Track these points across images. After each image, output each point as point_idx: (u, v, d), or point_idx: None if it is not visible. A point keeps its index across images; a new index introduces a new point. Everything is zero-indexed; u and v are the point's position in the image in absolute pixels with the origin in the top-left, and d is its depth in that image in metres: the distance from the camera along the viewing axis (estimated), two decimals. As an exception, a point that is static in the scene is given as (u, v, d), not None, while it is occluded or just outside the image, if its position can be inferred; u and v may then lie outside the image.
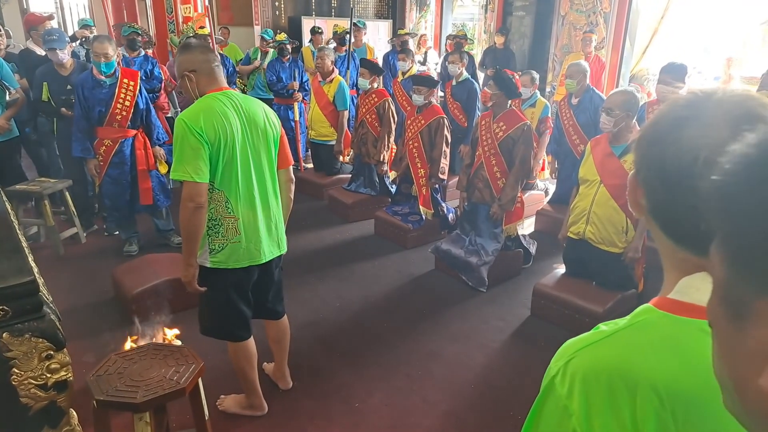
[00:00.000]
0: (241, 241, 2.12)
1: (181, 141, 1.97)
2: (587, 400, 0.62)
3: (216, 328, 2.32)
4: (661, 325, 0.64)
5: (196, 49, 2.14)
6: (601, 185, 3.10)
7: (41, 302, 1.67)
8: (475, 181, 3.83)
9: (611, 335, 0.66)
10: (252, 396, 2.46)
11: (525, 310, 3.48)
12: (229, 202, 2.08)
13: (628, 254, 3.09)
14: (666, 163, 0.62)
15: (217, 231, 2.11)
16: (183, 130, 1.96)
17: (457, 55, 5.34)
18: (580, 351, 0.66)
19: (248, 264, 2.18)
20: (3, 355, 1.58)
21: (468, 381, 2.80)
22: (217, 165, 2.02)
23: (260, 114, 2.16)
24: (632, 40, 6.48)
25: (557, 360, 0.68)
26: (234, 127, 2.04)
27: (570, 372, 0.65)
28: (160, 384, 1.88)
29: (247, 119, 2.10)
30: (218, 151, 2.00)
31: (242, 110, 2.10)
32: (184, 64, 2.10)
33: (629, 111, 3.01)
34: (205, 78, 2.09)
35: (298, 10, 9.65)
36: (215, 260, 2.14)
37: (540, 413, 0.68)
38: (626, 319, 0.67)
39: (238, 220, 2.10)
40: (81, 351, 2.81)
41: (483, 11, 8.43)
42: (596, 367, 0.63)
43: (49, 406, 1.69)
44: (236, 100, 2.11)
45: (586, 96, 4.44)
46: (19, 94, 4.12)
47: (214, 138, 1.98)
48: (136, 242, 4.23)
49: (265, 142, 2.15)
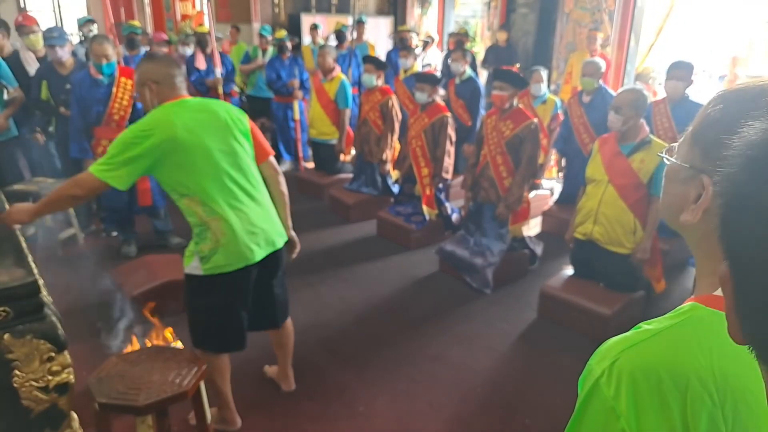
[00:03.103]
0: (229, 241, 2.07)
1: (123, 146, 1.94)
2: (636, 400, 0.61)
3: (212, 339, 2.24)
4: (710, 322, 0.62)
5: (161, 61, 2.15)
6: (609, 185, 3.06)
7: (42, 303, 1.65)
8: (481, 181, 3.78)
9: (658, 333, 0.64)
10: (224, 410, 2.38)
11: (531, 312, 3.44)
12: (207, 204, 2.04)
13: (637, 255, 3.05)
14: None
15: (204, 236, 2.07)
16: (132, 138, 1.95)
17: (459, 53, 5.28)
18: (625, 351, 0.64)
19: (243, 265, 2.11)
20: (4, 357, 1.57)
21: (474, 385, 2.76)
22: (185, 171, 2.00)
23: (221, 112, 2.13)
24: (637, 39, 6.44)
25: (600, 361, 0.66)
26: (193, 130, 2.00)
27: (616, 372, 0.63)
28: (163, 387, 1.86)
29: (207, 120, 2.07)
30: (180, 158, 1.98)
31: (201, 112, 2.08)
32: (148, 74, 2.08)
33: (638, 110, 2.96)
34: (167, 89, 2.08)
35: (298, 7, 9.58)
36: (207, 267, 2.08)
37: (583, 417, 0.66)
38: (670, 317, 0.66)
39: (221, 220, 2.05)
40: (81, 353, 2.76)
41: (486, 8, 8.37)
42: (644, 366, 0.62)
43: (51, 408, 1.68)
44: (193, 104, 2.10)
45: (598, 94, 4.39)
46: (17, 93, 4.07)
47: (169, 147, 1.95)
48: (134, 243, 4.19)
49: (233, 134, 2.12)
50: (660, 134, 3.81)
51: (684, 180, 0.68)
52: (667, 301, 3.41)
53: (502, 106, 3.60)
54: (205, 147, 2.02)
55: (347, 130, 5.45)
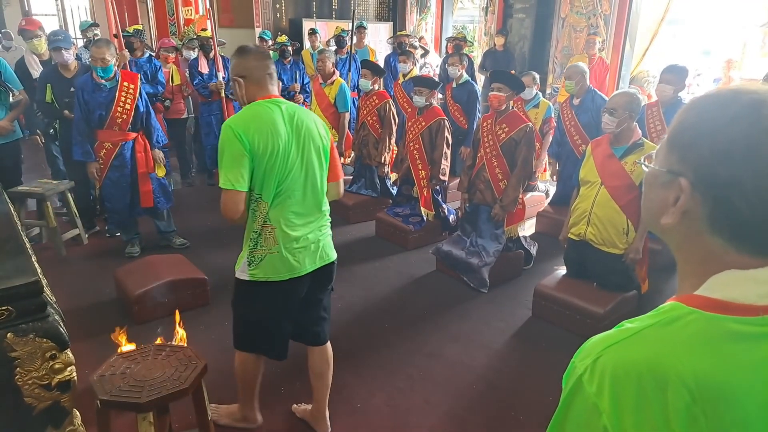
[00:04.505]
0: (279, 251, 2.03)
1: (225, 147, 1.91)
2: (618, 397, 0.62)
3: (250, 343, 2.24)
4: (691, 321, 0.64)
5: (250, 54, 2.04)
6: (602, 186, 3.11)
7: (45, 302, 1.67)
8: (477, 183, 3.84)
9: (639, 332, 0.65)
10: (246, 408, 2.38)
11: (526, 311, 3.49)
12: (272, 212, 2.01)
13: (629, 255, 3.10)
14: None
15: (256, 241, 2.04)
16: (228, 137, 1.90)
17: (456, 57, 5.35)
18: (607, 349, 0.65)
19: (289, 276, 2.07)
20: (7, 355, 1.59)
21: (469, 382, 2.81)
22: (261, 174, 1.95)
23: (311, 124, 2.07)
24: (632, 42, 6.50)
25: (583, 359, 0.67)
26: (281, 136, 1.95)
27: (599, 370, 0.64)
28: (164, 384, 1.89)
29: (296, 128, 2.01)
30: (263, 159, 1.93)
31: (291, 119, 2.01)
32: (236, 68, 2.04)
33: (632, 112, 3.02)
34: (254, 85, 2.02)
35: (299, 12, 9.67)
36: (254, 273, 2.06)
37: (567, 413, 0.68)
38: (652, 316, 0.67)
39: (276, 229, 2.02)
40: (83, 352, 2.81)
41: (483, 13, 8.44)
42: (626, 363, 0.63)
43: (53, 406, 1.69)
44: (286, 108, 2.02)
45: (587, 96, 4.46)
46: (22, 96, 4.12)
47: (259, 146, 1.91)
48: (137, 244, 4.24)
49: (316, 150, 2.06)
50: (653, 137, 3.86)
51: (663, 184, 0.69)
52: (659, 300, 3.43)
53: (499, 108, 3.66)
54: (284, 155, 1.96)
55: (347, 133, 5.51)
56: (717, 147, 0.63)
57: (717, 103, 0.65)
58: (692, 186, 0.65)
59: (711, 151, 0.63)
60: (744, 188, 0.61)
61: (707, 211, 0.65)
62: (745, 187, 0.61)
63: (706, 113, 0.65)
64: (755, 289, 0.63)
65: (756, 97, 0.62)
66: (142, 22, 8.15)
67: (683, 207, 0.66)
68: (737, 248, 0.65)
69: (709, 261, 0.67)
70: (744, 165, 0.61)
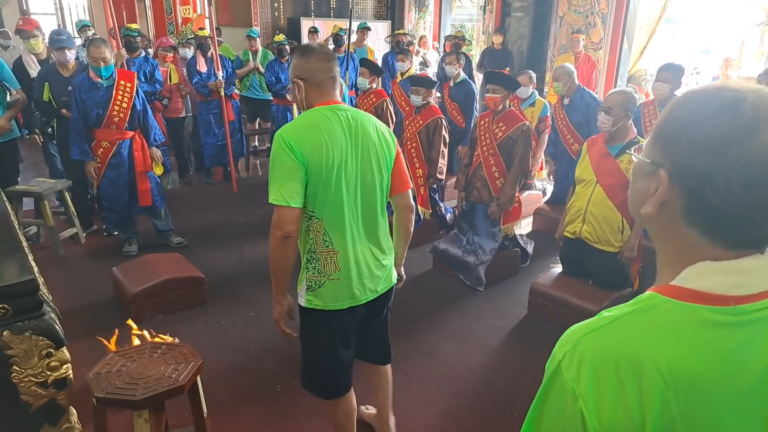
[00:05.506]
0: (341, 278, 1.84)
1: (276, 160, 1.73)
2: (595, 382, 0.64)
3: (316, 383, 2.05)
4: (665, 309, 0.66)
5: (313, 55, 1.83)
6: (597, 185, 3.12)
7: (41, 301, 1.67)
8: (474, 181, 3.85)
9: (617, 319, 0.67)
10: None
11: (522, 308, 3.50)
12: (328, 233, 1.81)
13: (624, 253, 3.11)
14: (745, 165, 0.61)
15: (314, 266, 1.85)
16: (280, 148, 1.72)
17: (454, 56, 5.36)
18: (586, 336, 0.68)
19: (349, 305, 1.89)
20: (3, 353, 1.59)
21: (466, 380, 2.82)
22: (317, 189, 1.75)
23: (372, 131, 1.85)
24: (630, 41, 6.50)
25: (562, 345, 0.69)
26: (339, 146, 1.75)
27: (577, 356, 0.66)
28: (159, 381, 1.90)
29: (357, 138, 1.80)
30: (319, 173, 1.73)
31: (351, 128, 1.80)
32: (297, 69, 1.84)
33: (627, 111, 3.02)
34: (314, 89, 1.82)
35: (297, 11, 9.68)
36: (311, 299, 1.87)
37: (545, 398, 0.70)
38: (630, 305, 0.69)
39: (338, 254, 1.82)
40: (80, 350, 2.82)
41: (481, 12, 8.45)
42: (603, 350, 0.65)
43: (49, 403, 1.70)
44: (346, 116, 1.81)
45: (576, 95, 4.51)
46: (19, 95, 4.13)
47: (313, 158, 1.72)
48: (135, 242, 4.25)
49: (376, 163, 1.85)
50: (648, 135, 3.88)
51: (645, 175, 0.71)
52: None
53: (496, 108, 3.67)
54: (339, 169, 1.76)
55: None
56: (695, 140, 0.65)
57: (701, 99, 0.67)
58: (670, 177, 0.67)
59: (689, 144, 0.65)
60: (717, 182, 0.63)
61: (684, 203, 0.67)
62: (717, 181, 0.63)
63: (690, 108, 0.67)
64: (727, 279, 0.64)
65: (737, 95, 0.63)
66: (141, 22, 8.15)
67: (662, 198, 0.68)
68: (711, 240, 0.66)
69: (685, 252, 0.68)
70: (718, 159, 0.63)
